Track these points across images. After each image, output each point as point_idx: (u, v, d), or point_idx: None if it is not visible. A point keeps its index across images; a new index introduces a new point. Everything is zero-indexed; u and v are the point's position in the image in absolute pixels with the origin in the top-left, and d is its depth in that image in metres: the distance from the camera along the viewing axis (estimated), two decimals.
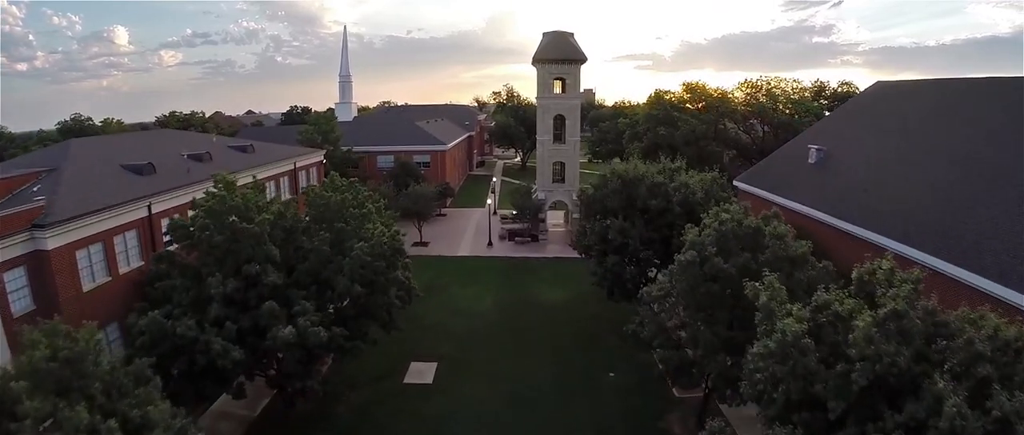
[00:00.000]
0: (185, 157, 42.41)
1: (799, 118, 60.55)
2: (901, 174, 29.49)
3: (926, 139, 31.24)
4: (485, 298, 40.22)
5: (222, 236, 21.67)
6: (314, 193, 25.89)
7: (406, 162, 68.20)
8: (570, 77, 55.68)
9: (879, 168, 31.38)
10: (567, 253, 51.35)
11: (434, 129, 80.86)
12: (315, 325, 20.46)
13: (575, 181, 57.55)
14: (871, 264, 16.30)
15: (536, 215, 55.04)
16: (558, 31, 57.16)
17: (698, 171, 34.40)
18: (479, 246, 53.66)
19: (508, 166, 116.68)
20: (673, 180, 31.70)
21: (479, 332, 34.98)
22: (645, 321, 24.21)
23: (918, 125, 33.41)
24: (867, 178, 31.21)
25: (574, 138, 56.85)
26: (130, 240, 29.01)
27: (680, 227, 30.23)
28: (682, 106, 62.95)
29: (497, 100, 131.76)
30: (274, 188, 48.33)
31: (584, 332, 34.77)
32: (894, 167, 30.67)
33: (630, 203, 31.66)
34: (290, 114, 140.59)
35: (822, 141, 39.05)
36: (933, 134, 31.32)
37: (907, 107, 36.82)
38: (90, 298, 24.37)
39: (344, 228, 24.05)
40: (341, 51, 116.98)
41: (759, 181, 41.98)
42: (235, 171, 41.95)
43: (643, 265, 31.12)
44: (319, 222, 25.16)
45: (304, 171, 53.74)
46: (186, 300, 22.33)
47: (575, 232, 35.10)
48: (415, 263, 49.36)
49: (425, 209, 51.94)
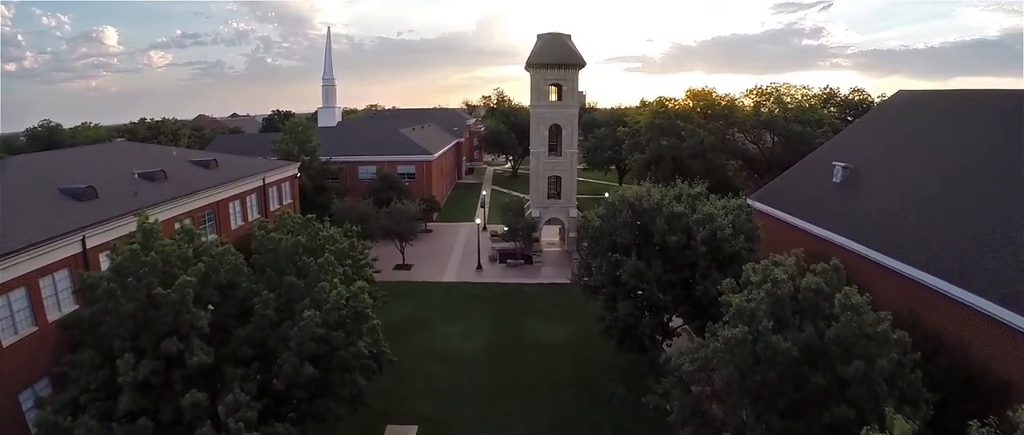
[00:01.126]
0: (136, 176, 37.37)
1: (813, 129, 56.14)
2: (945, 200, 25.97)
3: (965, 157, 27.79)
4: (473, 338, 35.33)
5: (134, 303, 16.76)
6: (261, 235, 20.90)
7: (388, 174, 63.20)
8: (567, 83, 50.93)
9: (918, 192, 27.98)
10: (564, 277, 46.58)
11: (420, 137, 75.87)
12: (252, 428, 15.49)
13: (572, 197, 52.83)
14: None
15: (529, 235, 50.25)
16: (554, 33, 52.36)
17: (720, 196, 29.80)
18: (467, 269, 48.76)
19: (499, 173, 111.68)
20: (695, 209, 27.00)
21: (466, 384, 30.08)
22: (672, 396, 19.54)
23: (953, 141, 30.07)
24: (905, 204, 27.76)
25: (571, 150, 52.12)
26: (61, 281, 24.83)
27: (703, 267, 25.80)
28: (687, 114, 58.28)
29: (487, 104, 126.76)
30: (239, 209, 43.35)
31: (587, 383, 30.01)
32: (934, 190, 27.18)
33: (644, 237, 26.92)
34: (272, 119, 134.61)
35: (846, 157, 35.47)
36: (973, 151, 27.88)
37: (936, 120, 33.70)
38: (11, 354, 20.48)
39: (295, 283, 19.08)
40: (325, 53, 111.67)
41: (778, 201, 38.09)
42: (191, 193, 37.21)
43: (660, 312, 26.45)
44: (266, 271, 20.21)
45: (275, 187, 48.68)
46: (95, 381, 17.44)
47: (575, 267, 30.31)
48: (396, 291, 44.32)
49: (407, 230, 46.97)
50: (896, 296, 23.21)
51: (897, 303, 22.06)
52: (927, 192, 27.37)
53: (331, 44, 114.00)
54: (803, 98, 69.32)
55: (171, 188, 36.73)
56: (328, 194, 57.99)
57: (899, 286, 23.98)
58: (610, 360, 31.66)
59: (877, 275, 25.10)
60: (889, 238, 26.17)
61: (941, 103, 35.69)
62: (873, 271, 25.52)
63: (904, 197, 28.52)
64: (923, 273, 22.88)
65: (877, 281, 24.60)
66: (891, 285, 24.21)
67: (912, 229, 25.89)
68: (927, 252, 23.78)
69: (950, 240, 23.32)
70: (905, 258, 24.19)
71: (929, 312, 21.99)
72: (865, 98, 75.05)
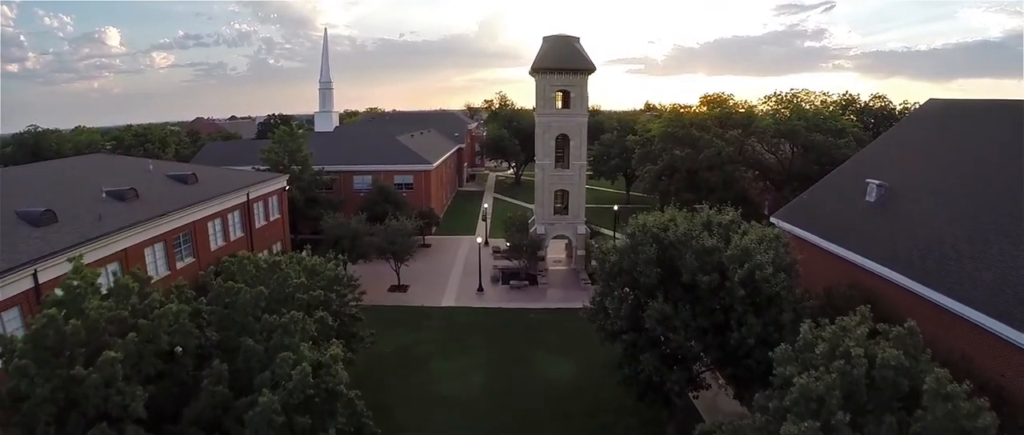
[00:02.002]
0: (103, 196, 33.99)
1: (834, 139, 52.57)
2: (998, 226, 23.46)
3: (1018, 176, 25.09)
4: (474, 377, 31.80)
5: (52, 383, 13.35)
6: (218, 284, 17.42)
7: (384, 186, 59.72)
8: (575, 89, 47.36)
9: (967, 219, 25.43)
10: (572, 299, 43.14)
11: (419, 144, 72.42)
12: None
13: (581, 212, 49.28)
14: None
15: (534, 253, 46.75)
16: (561, 35, 48.78)
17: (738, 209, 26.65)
18: (468, 291, 45.27)
19: (501, 180, 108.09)
20: (729, 241, 23.50)
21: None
22: None
23: (999, 157, 27.35)
24: (955, 232, 25.20)
25: (580, 162, 48.59)
26: (10, 321, 22.11)
27: (739, 312, 22.34)
28: (702, 123, 54.64)
29: (489, 107, 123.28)
30: (220, 229, 39.92)
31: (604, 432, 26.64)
32: (986, 217, 24.53)
33: (669, 274, 23.41)
34: (267, 123, 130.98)
35: (879, 173, 32.74)
36: None
37: (973, 132, 30.98)
38: None
39: (254, 349, 15.60)
40: (322, 56, 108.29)
41: (806, 221, 35.21)
42: (164, 214, 33.81)
43: (688, 361, 22.96)
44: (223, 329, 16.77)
45: (261, 203, 45.23)
46: None
47: (588, 300, 26.77)
48: (389, 317, 39.84)
49: (402, 249, 43.48)
50: (934, 329, 20.88)
51: (941, 338, 20.07)
52: (978, 219, 24.74)
53: (328, 46, 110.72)
54: (822, 104, 65.88)
55: (141, 208, 33.35)
56: (320, 207, 54.60)
57: (939, 320, 21.97)
58: (626, 403, 28.08)
59: (916, 306, 22.93)
60: (937, 271, 23.68)
61: (976, 113, 33.07)
62: (909, 300, 23.64)
63: (952, 224, 25.83)
64: (979, 314, 20.48)
65: (919, 315, 21.80)
66: (932, 319, 21.94)
67: (963, 261, 23.37)
68: (981, 288, 21.30)
69: (1008, 276, 20.86)
70: (951, 293, 22.04)
71: (983, 356, 20.05)
72: (886, 105, 71.47)
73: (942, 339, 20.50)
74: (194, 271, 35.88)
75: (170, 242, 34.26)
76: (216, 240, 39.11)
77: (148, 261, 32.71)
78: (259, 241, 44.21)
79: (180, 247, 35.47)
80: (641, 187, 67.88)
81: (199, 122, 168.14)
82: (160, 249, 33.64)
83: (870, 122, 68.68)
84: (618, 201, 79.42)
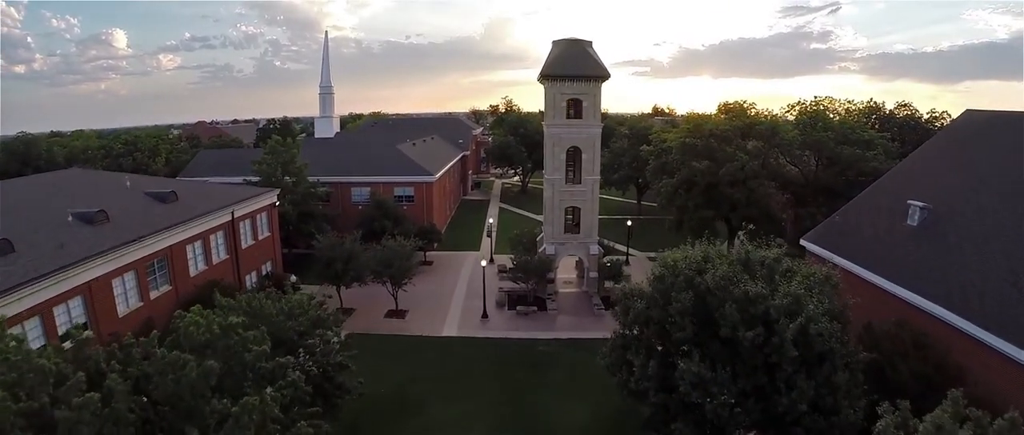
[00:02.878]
0: (70, 219, 30.86)
1: (863, 151, 49.00)
2: None
3: None
4: (476, 426, 28.37)
5: None
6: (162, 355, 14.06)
7: (383, 200, 56.47)
8: (588, 98, 43.82)
9: None
10: (584, 327, 39.81)
11: (421, 153, 69.07)
12: None
13: (593, 231, 45.84)
14: None
15: (543, 275, 43.36)
16: (573, 39, 45.34)
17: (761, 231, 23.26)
18: (471, 318, 41.85)
19: (507, 188, 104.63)
20: (774, 285, 20.08)
21: None
22: None
23: None
24: (1013, 266, 22.51)
25: (593, 177, 45.11)
26: None
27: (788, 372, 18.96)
28: (723, 134, 51.05)
29: (495, 112, 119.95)
30: (202, 252, 36.68)
31: None
32: None
33: (705, 324, 20.01)
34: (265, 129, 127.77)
35: (918, 192, 30.36)
36: None
37: (1021, 147, 28.22)
38: None
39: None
40: (322, 59, 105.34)
41: (839, 246, 32.52)
42: (137, 239, 30.67)
43: (729, 430, 19.52)
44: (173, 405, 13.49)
45: (248, 221, 42.00)
46: None
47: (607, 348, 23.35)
48: (386, 349, 35.91)
49: (400, 273, 40.12)
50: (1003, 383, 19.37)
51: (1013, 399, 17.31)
52: None
53: (329, 50, 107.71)
54: (847, 113, 62.33)
55: (111, 233, 30.17)
56: (315, 222, 51.40)
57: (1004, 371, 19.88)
58: None
59: (976, 352, 21.17)
60: (998, 315, 21.17)
61: (1020, 124, 29.96)
62: (967, 345, 21.64)
63: (1008, 257, 23.26)
64: None
65: (978, 361, 20.81)
66: (996, 370, 20.12)
67: None
68: None
69: None
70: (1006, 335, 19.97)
71: None
72: (913, 113, 67.73)
73: (1016, 399, 17.35)
74: (171, 300, 32.65)
75: (143, 270, 31.07)
76: (197, 265, 35.90)
77: (117, 292, 29.52)
78: (246, 263, 41.00)
79: (154, 275, 32.25)
80: (654, 198, 64.35)
81: (200, 126, 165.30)
82: (131, 279, 30.45)
83: (895, 131, 65.01)
84: (628, 211, 75.89)
